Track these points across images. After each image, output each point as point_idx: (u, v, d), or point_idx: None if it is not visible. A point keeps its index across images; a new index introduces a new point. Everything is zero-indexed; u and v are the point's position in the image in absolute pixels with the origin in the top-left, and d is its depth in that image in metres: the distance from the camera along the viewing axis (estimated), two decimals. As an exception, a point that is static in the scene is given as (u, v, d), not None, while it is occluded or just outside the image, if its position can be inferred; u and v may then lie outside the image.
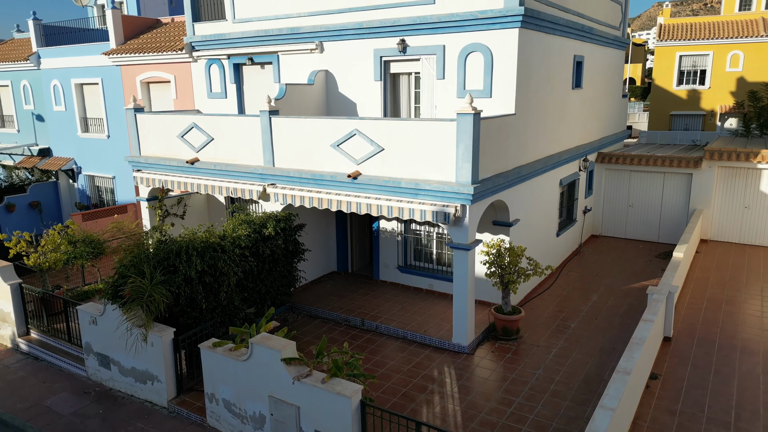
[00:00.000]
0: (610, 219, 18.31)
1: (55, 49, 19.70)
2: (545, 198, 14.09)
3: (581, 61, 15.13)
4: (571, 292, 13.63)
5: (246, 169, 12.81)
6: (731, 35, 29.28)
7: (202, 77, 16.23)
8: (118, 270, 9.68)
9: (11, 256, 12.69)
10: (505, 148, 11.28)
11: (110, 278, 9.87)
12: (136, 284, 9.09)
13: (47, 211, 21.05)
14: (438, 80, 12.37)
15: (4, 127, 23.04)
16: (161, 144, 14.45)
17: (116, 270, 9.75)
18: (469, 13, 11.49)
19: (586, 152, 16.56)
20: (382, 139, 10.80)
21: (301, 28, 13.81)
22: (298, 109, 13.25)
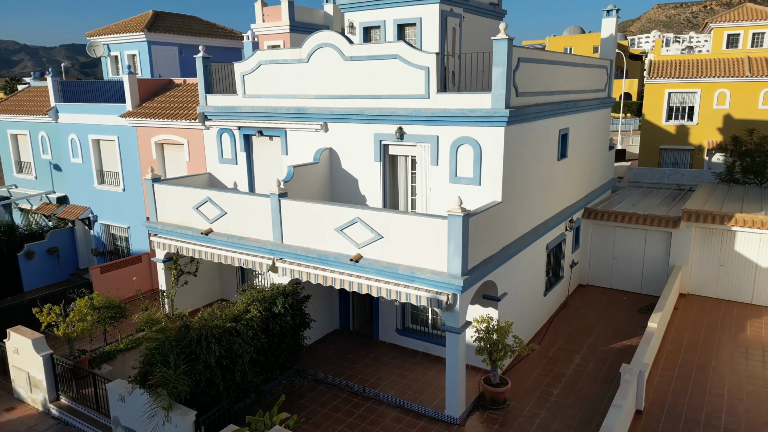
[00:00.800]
0: (597, 270, 19.46)
1: (73, 106, 20.85)
2: (532, 265, 15.23)
3: (566, 133, 16.29)
4: (557, 353, 14.77)
5: (256, 243, 13.97)
6: (718, 74, 30.41)
7: (213, 143, 17.38)
8: (146, 356, 10.83)
9: (43, 328, 13.80)
10: (493, 234, 12.43)
11: (139, 360, 11.03)
12: (162, 374, 10.24)
13: (64, 256, 22.23)
14: (432, 166, 13.52)
15: (22, 172, 24.20)
16: (177, 212, 15.61)
17: (144, 356, 10.90)
18: (460, 111, 12.64)
19: (572, 212, 17.72)
20: (381, 227, 11.96)
21: (308, 109, 14.96)
22: (305, 187, 14.39)
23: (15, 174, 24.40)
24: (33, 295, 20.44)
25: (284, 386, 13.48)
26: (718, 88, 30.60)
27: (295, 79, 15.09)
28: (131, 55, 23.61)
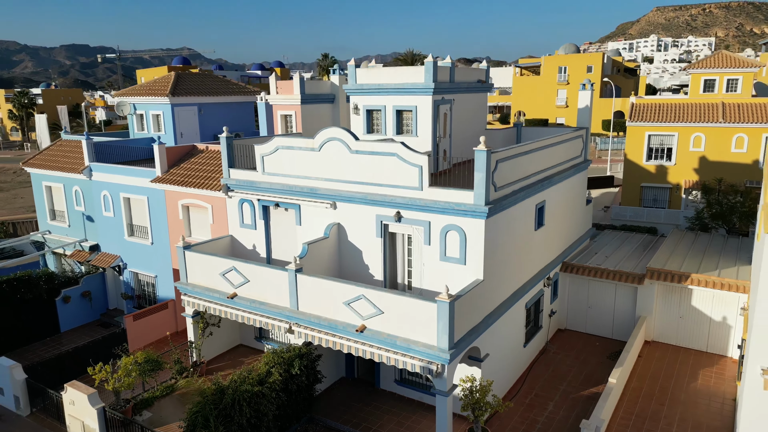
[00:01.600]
0: (573, 316, 21.86)
1: (106, 167, 23.28)
2: (513, 323, 17.64)
3: (542, 206, 18.70)
4: (533, 400, 17.17)
5: (275, 308, 16.39)
6: (694, 119, 32.84)
7: (235, 210, 19.78)
8: (190, 418, 13.25)
9: (96, 384, 16.20)
10: (476, 309, 14.83)
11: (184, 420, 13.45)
12: (209, 434, 12.69)
13: (96, 299, 24.67)
14: (425, 245, 15.94)
15: (55, 220, 26.63)
16: (205, 276, 18.03)
17: (189, 418, 13.32)
18: (448, 203, 15.06)
19: (551, 269, 20.13)
20: (382, 304, 14.38)
21: (319, 190, 17.37)
22: (317, 260, 16.80)
23: (49, 221, 26.83)
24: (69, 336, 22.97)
25: None
26: (693, 132, 33.02)
27: (308, 164, 17.50)
28: (156, 115, 26.04)
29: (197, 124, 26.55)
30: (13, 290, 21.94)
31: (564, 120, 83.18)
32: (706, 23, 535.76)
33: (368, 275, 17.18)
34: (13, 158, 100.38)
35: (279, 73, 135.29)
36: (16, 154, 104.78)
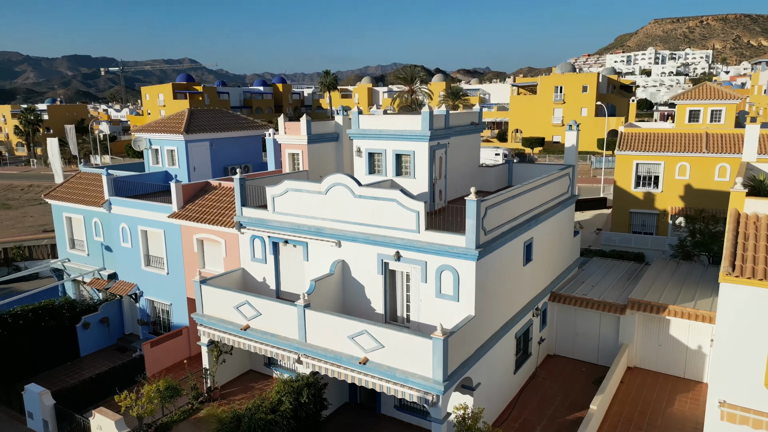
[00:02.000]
0: (562, 342, 23.36)
1: (125, 201, 24.90)
2: (503, 352, 19.15)
3: (530, 243, 20.29)
4: (522, 424, 18.63)
5: (285, 340, 17.92)
6: (679, 149, 34.51)
7: (247, 245, 21.35)
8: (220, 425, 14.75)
9: (123, 411, 17.69)
10: (468, 342, 16.36)
11: None
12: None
13: (113, 324, 26.19)
14: (422, 283, 17.50)
15: (74, 248, 28.21)
16: (220, 308, 19.58)
17: None
18: (442, 245, 16.65)
19: (540, 299, 21.67)
20: (382, 339, 15.91)
21: (325, 229, 18.97)
22: (323, 295, 18.35)
23: (68, 249, 28.42)
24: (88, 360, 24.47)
25: (308, 455, 17.34)
26: (679, 161, 34.67)
27: (315, 205, 19.11)
28: (170, 150, 27.69)
29: (209, 158, 28.21)
30: (38, 318, 23.47)
31: (560, 138, 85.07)
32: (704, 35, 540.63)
33: (370, 309, 18.72)
34: (20, 174, 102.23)
35: (281, 88, 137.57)
36: (23, 171, 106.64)
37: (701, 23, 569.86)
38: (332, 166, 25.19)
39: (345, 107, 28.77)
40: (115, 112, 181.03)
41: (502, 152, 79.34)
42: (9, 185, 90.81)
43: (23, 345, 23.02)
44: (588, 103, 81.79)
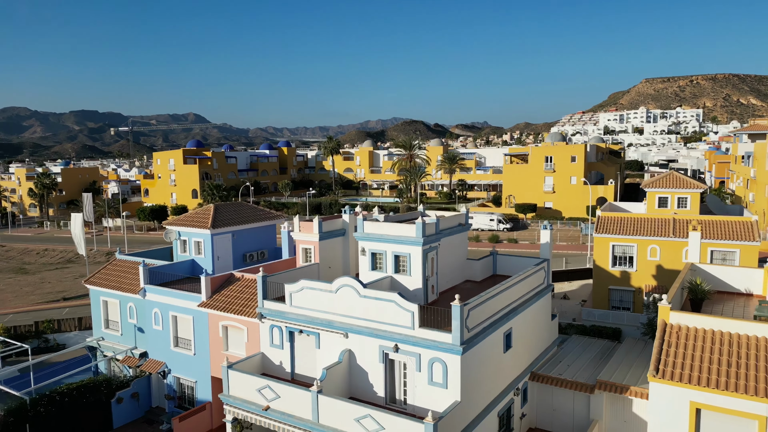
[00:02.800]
0: (542, 417, 26.41)
1: (159, 289, 28.55)
2: (487, 430, 22.27)
3: (509, 333, 23.78)
4: (504, 494, 21.56)
5: (300, 420, 21.11)
6: (649, 233, 38.43)
7: (266, 332, 24.81)
8: None
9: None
10: (455, 424, 19.60)
11: None
12: None
13: (142, 398, 29.29)
14: (416, 372, 20.90)
15: (108, 328, 31.63)
16: (243, 390, 22.84)
17: None
18: (432, 341, 20.16)
19: (520, 380, 24.92)
20: (383, 422, 19.16)
21: (334, 323, 22.51)
22: (333, 381, 21.66)
23: (103, 329, 31.83)
24: None
25: None
26: (650, 244, 38.53)
27: (326, 302, 22.72)
28: (197, 242, 31.54)
29: (231, 247, 32.01)
30: (80, 394, 26.67)
31: (551, 204, 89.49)
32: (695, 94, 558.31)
33: (373, 392, 22.02)
34: (34, 237, 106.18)
35: (286, 152, 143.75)
36: (36, 233, 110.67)
37: (691, 82, 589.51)
38: (340, 258, 28.99)
39: (352, 206, 32.79)
40: (124, 171, 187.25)
41: (497, 218, 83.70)
42: (25, 249, 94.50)
43: (68, 419, 26.11)
44: (576, 172, 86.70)
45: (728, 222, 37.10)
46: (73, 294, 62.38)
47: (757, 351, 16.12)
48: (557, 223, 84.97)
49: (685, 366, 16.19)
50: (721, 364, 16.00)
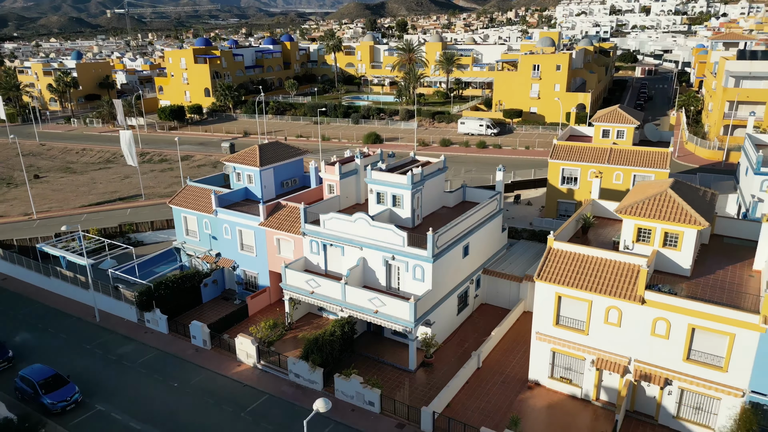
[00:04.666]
0: (490, 296, 39.90)
1: (228, 212, 40.65)
2: (450, 304, 35.62)
3: (467, 245, 36.28)
4: (459, 342, 35.42)
5: (333, 299, 34.36)
6: (590, 160, 49.70)
7: (307, 243, 37.29)
8: (305, 348, 31.55)
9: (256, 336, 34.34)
10: (428, 301, 32.75)
11: (305, 344, 31.78)
12: (313, 356, 31.01)
13: (220, 285, 42.72)
14: (405, 272, 33.67)
15: (188, 235, 44.24)
16: (296, 280, 35.91)
17: (303, 350, 31.60)
18: (415, 254, 32.67)
19: (475, 274, 37.94)
20: (385, 300, 32.31)
21: (353, 240, 34.90)
22: (354, 275, 34.52)
23: (184, 235, 44.47)
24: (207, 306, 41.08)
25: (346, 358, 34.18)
26: (590, 168, 49.95)
27: (347, 226, 34.87)
28: (249, 175, 42.87)
29: (273, 178, 43.53)
30: (182, 281, 39.92)
31: (536, 109, 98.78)
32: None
33: (378, 283, 35.00)
34: (65, 134, 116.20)
35: (289, 46, 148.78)
36: (66, 130, 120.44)
37: None
38: (354, 191, 40.67)
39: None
40: (129, 61, 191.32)
41: (485, 123, 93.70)
42: (64, 148, 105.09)
43: (175, 298, 39.64)
44: (560, 80, 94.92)
45: (648, 152, 48.26)
46: (125, 195, 74.74)
47: (594, 264, 28.46)
48: (539, 128, 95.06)
49: (554, 273, 28.74)
50: (573, 272, 28.49)
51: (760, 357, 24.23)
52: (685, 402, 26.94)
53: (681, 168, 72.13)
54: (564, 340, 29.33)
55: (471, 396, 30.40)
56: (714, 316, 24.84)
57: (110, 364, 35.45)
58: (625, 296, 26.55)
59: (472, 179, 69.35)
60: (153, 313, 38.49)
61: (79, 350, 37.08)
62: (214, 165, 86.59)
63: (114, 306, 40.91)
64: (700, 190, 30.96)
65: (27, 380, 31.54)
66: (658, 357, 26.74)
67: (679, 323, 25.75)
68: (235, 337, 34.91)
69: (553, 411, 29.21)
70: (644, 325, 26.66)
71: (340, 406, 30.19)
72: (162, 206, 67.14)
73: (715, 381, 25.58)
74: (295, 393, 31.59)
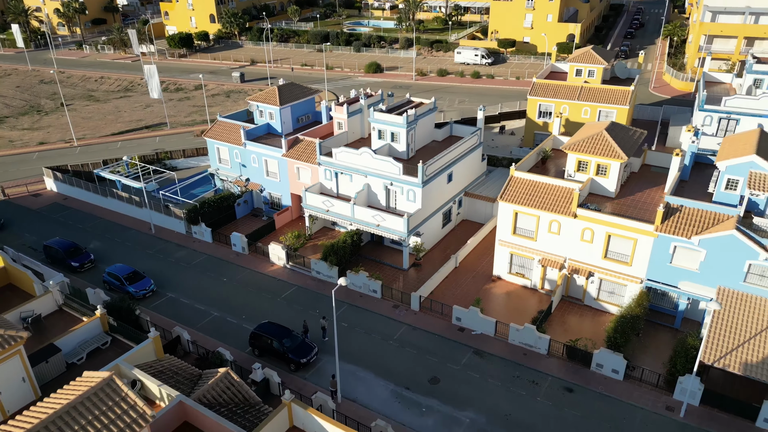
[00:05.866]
0: (470, 214, 49.32)
1: (255, 144, 49.20)
2: (435, 220, 45.09)
3: (451, 173, 45.15)
4: (443, 249, 45.24)
5: (344, 216, 43.79)
6: (563, 97, 57.43)
7: (322, 171, 46.13)
8: (324, 251, 41.39)
9: (285, 243, 44.03)
10: (418, 217, 42.17)
11: (324, 249, 41.67)
12: (330, 258, 40.89)
13: (249, 204, 52.11)
14: (401, 194, 42.80)
15: (221, 163, 53.00)
16: (314, 201, 45.18)
17: (323, 251, 41.45)
18: (409, 181, 41.66)
19: (458, 196, 47.12)
20: (385, 217, 41.75)
21: (359, 169, 43.75)
22: (361, 198, 43.68)
23: (217, 163, 53.23)
24: (240, 221, 50.76)
25: (355, 260, 44.08)
26: (562, 104, 57.81)
27: (355, 158, 43.59)
28: (270, 112, 50.81)
29: (290, 115, 51.54)
30: (220, 201, 49.24)
31: (529, 39, 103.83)
32: None
33: (379, 203, 44.22)
34: (80, 61, 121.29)
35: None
36: (79, 56, 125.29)
37: None
38: (359, 127, 48.85)
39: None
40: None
41: (480, 53, 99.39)
42: (83, 76, 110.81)
43: (215, 215, 49.13)
44: (552, 10, 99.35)
45: (611, 90, 55.94)
46: (150, 123, 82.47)
47: (543, 189, 37.42)
48: (531, 58, 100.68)
49: (513, 195, 37.82)
50: (526, 195, 37.54)
51: (653, 255, 33.85)
52: (603, 288, 36.96)
53: (654, 99, 79.39)
54: (519, 245, 38.99)
55: (449, 287, 40.53)
56: (623, 226, 34.24)
57: (170, 265, 45.49)
58: (563, 212, 35.83)
59: (464, 110, 77.04)
60: (199, 226, 48.10)
61: (142, 255, 47.01)
62: (227, 94, 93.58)
63: (165, 221, 50.47)
64: (631, 130, 39.39)
65: (113, 275, 41.60)
66: (584, 256, 36.46)
67: (599, 232, 35.20)
68: (268, 245, 44.69)
69: (509, 297, 39.40)
70: (576, 233, 36.14)
71: (351, 294, 40.42)
72: (186, 135, 75.41)
73: (623, 273, 35.42)
74: (317, 285, 41.76)
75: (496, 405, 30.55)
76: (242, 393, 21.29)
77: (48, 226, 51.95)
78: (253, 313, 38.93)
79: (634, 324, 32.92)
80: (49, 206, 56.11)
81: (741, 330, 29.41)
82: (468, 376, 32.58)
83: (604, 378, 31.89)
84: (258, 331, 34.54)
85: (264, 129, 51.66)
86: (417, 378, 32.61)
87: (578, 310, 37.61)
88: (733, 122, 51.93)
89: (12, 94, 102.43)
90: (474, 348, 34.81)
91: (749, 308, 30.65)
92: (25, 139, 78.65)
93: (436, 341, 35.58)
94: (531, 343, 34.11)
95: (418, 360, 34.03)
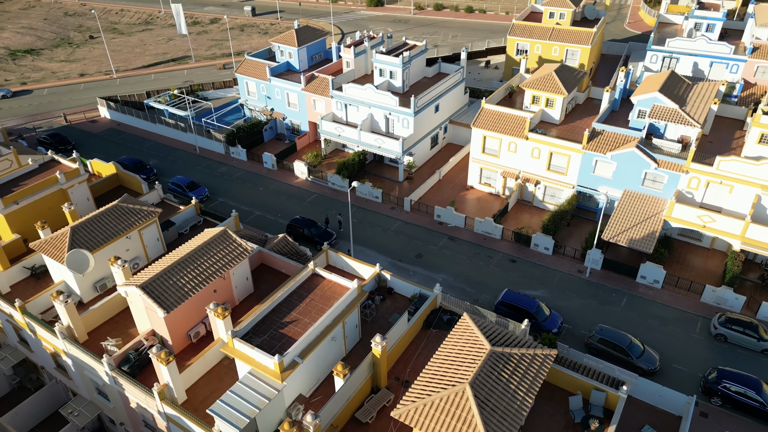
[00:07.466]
0: (454, 138, 61.03)
1: (278, 80, 60.12)
2: (425, 143, 56.91)
3: (438, 105, 56.47)
4: (431, 167, 57.37)
5: (353, 140, 55.64)
6: (537, 37, 67.41)
7: (334, 103, 57.41)
8: (338, 167, 53.65)
9: (306, 161, 56.10)
10: (411, 140, 54.01)
11: (337, 165, 53.94)
12: (342, 172, 53.22)
13: (275, 130, 63.78)
14: (397, 122, 54.38)
15: (249, 95, 64.03)
16: (328, 127, 56.86)
17: (337, 166, 53.70)
18: (404, 111, 53.15)
19: (444, 123, 58.65)
20: (385, 140, 53.65)
21: (364, 102, 55.07)
22: (366, 125, 55.30)
23: (246, 95, 64.30)
24: (267, 143, 62.84)
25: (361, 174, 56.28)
26: (537, 43, 67.90)
27: (361, 92, 54.78)
28: (289, 52, 61.12)
29: (306, 54, 61.96)
30: (252, 126, 60.93)
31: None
32: None
33: (380, 129, 55.86)
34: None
35: None
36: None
37: None
38: (363, 65, 59.52)
39: (369, 36, 61.56)
40: None
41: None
42: (104, 8, 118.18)
43: (249, 137, 60.95)
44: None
45: (576, 31, 65.89)
46: (175, 56, 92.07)
47: (505, 118, 48.92)
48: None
49: (482, 122, 49.43)
50: (493, 122, 49.12)
51: (581, 167, 46.05)
52: (546, 192, 49.49)
53: (628, 35, 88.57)
54: (486, 162, 51.15)
55: (434, 194, 53.04)
56: (561, 146, 46.22)
57: (216, 177, 57.86)
58: (518, 135, 47.67)
59: (457, 44, 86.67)
60: (236, 147, 60.04)
61: (192, 170, 59.26)
62: (242, 28, 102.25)
63: (207, 143, 62.32)
64: (576, 71, 50.44)
65: (176, 184, 54.04)
66: (534, 168, 48.70)
67: (544, 150, 47.23)
68: (293, 162, 56.80)
69: (479, 201, 52.01)
70: (528, 151, 48.17)
71: (359, 200, 53.05)
72: (210, 68, 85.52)
73: (561, 181, 47.80)
74: (333, 192, 54.31)
75: (461, 271, 43.89)
76: (294, 247, 34.05)
77: (111, 147, 63.92)
78: (286, 212, 51.73)
79: (563, 216, 45.74)
80: (106, 131, 67.79)
81: (632, 217, 42.16)
82: (443, 254, 45.78)
83: (539, 254, 45.08)
84: (292, 223, 47.50)
85: (284, 67, 62.35)
86: (407, 254, 45.83)
87: (528, 209, 50.33)
88: (675, 61, 62.35)
89: (41, 26, 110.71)
90: (449, 235, 47.85)
91: (642, 203, 43.26)
92: (65, 71, 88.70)
93: (422, 231, 48.56)
94: (489, 231, 47.10)
95: (408, 243, 47.13)
